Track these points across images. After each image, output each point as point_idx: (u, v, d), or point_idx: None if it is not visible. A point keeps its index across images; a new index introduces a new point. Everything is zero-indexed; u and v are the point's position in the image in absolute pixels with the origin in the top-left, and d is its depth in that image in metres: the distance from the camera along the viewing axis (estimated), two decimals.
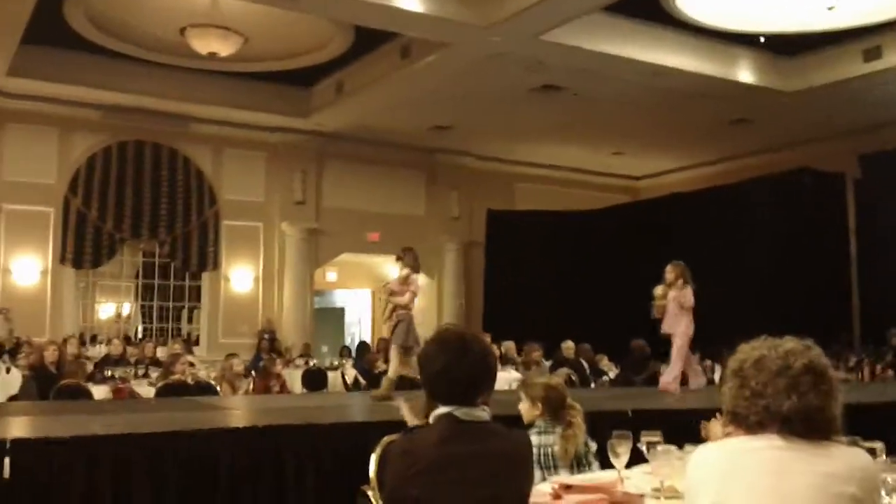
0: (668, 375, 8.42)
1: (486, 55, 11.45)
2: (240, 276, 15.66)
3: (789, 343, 2.15)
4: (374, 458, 3.69)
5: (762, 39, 12.21)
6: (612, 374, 11.63)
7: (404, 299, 7.40)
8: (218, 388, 8.43)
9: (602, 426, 5.02)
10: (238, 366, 8.72)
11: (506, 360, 11.07)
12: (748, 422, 2.11)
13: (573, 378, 10.49)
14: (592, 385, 11.06)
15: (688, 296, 8.33)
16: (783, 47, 12.54)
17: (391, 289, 7.60)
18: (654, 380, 10.32)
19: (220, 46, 11.31)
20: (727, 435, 2.26)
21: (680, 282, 8.35)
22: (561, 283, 15.67)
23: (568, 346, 12.23)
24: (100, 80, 13.23)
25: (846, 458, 2.05)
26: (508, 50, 11.21)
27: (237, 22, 11.04)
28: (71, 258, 14.21)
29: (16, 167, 13.89)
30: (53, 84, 13.22)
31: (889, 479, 2.62)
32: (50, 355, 8.85)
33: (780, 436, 2.06)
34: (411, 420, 3.54)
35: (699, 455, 2.21)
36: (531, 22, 10.30)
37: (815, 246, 13.19)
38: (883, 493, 2.52)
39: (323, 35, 12.16)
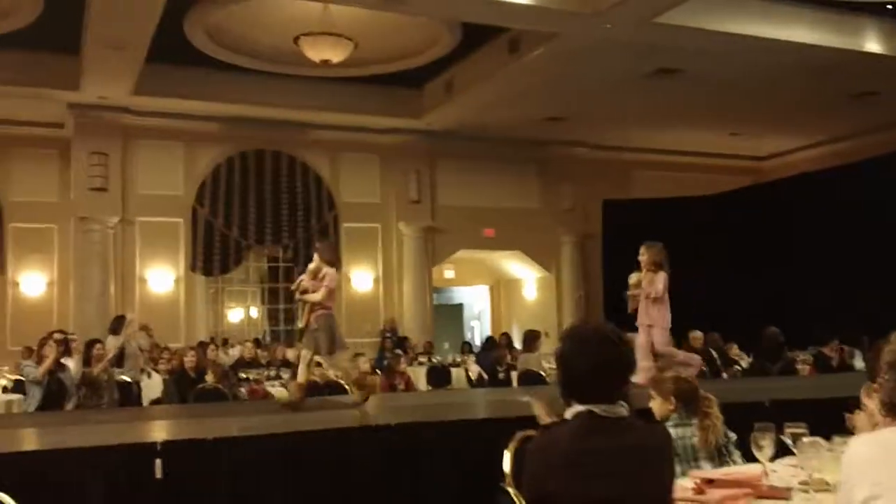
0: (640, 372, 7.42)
1: (596, 43, 11.29)
2: (360, 277, 15.95)
3: None
4: (508, 454, 3.71)
5: (889, 6, 11.63)
6: (744, 364, 11.30)
7: (317, 296, 6.50)
8: (347, 387, 8.61)
9: (739, 418, 4.90)
10: (364, 364, 8.89)
11: None
12: None
13: (703, 369, 10.26)
14: (724, 375, 10.80)
15: (656, 283, 7.55)
16: None
17: (304, 286, 6.72)
18: (789, 368, 10.02)
19: (333, 53, 11.50)
20: (875, 426, 2.18)
21: (653, 267, 7.64)
22: (684, 270, 15.27)
23: (696, 336, 11.91)
24: (220, 94, 13.72)
25: None
26: (620, 36, 11.01)
27: (347, 28, 11.21)
28: (201, 266, 14.77)
29: (146, 181, 14.53)
30: (177, 100, 13.77)
31: None
32: (189, 360, 9.21)
33: None
34: (544, 417, 3.53)
35: (855, 446, 2.14)
36: (642, 6, 10.08)
37: None
38: None
39: (431, 35, 12.25)
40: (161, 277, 14.62)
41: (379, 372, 9.98)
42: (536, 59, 12.03)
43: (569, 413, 2.61)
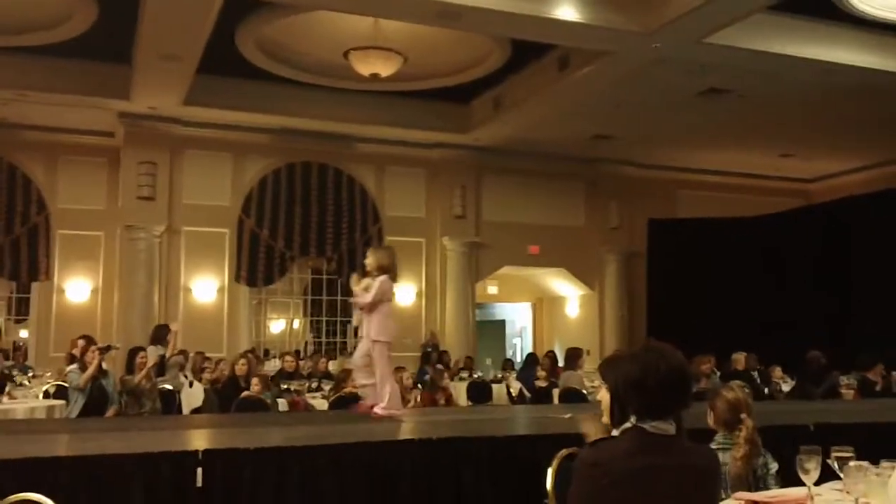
0: (381, 399, 6.42)
1: (647, 62, 11.23)
2: (403, 291, 15.95)
3: None
4: (551, 472, 3.66)
5: None
6: (786, 387, 11.16)
7: None
8: None
9: (783, 441, 4.80)
10: (407, 379, 8.87)
11: None
12: None
13: (746, 391, 10.11)
14: (766, 391, 10.72)
15: (371, 289, 6.39)
16: None
17: None
18: (833, 392, 9.86)
19: (382, 67, 11.58)
20: None
21: (377, 272, 6.51)
22: (729, 291, 15.14)
23: (738, 358, 11.80)
24: (269, 106, 13.85)
25: None
26: (670, 55, 10.95)
27: (397, 42, 11.29)
28: (245, 276, 14.88)
29: (193, 191, 14.69)
30: (226, 111, 13.93)
31: None
32: (241, 368, 9.20)
33: None
34: (592, 434, 3.46)
35: None
36: (694, 25, 10.00)
37: None
38: None
39: (480, 51, 12.27)
40: (205, 287, 14.75)
41: (420, 386, 9.95)
42: (585, 76, 11.99)
43: (617, 430, 2.58)
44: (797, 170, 18.05)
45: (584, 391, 10.13)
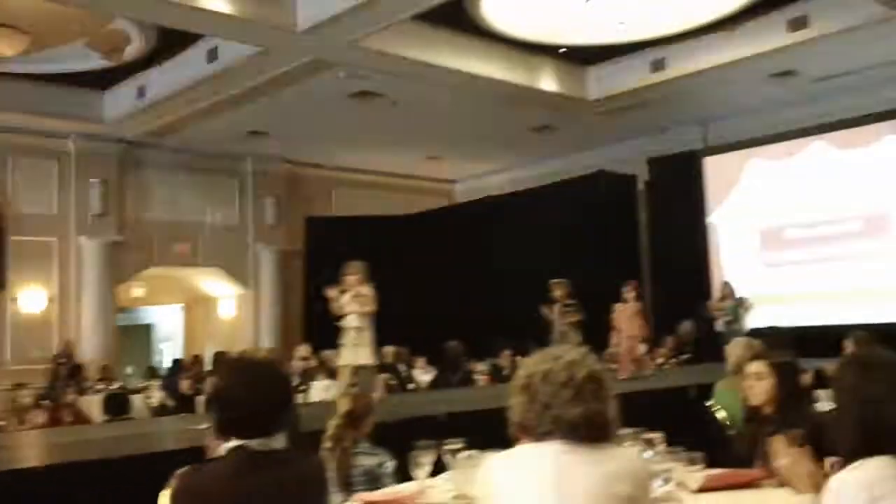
0: None
1: (300, 60, 11.24)
2: (31, 296, 14.48)
3: (570, 354, 2.27)
4: (164, 496, 3.42)
5: (562, 50, 12.66)
6: (428, 376, 11.78)
7: None
8: (2, 423, 7.72)
9: (416, 433, 4.93)
10: (26, 398, 7.96)
11: (324, 370, 10.93)
12: (537, 431, 2.21)
13: (393, 383, 10.54)
14: (411, 387, 11.23)
15: None
16: (582, 58, 13.03)
17: None
18: (468, 379, 10.62)
19: (6, 46, 10.53)
20: (517, 441, 2.31)
21: None
22: (381, 287, 15.53)
23: (388, 351, 12.17)
24: None
25: (622, 459, 2.20)
26: (322, 56, 11.06)
27: (23, 20, 10.25)
28: None
29: None
30: None
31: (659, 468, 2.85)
32: None
33: (563, 441, 2.17)
34: None
35: (490, 462, 2.32)
36: (344, 28, 10.13)
37: (610, 241, 14.13)
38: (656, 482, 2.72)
39: (123, 35, 11.46)
40: None
41: (42, 404, 9.02)
42: (236, 71, 11.69)
43: (223, 449, 2.46)
44: (443, 171, 19.01)
45: None
